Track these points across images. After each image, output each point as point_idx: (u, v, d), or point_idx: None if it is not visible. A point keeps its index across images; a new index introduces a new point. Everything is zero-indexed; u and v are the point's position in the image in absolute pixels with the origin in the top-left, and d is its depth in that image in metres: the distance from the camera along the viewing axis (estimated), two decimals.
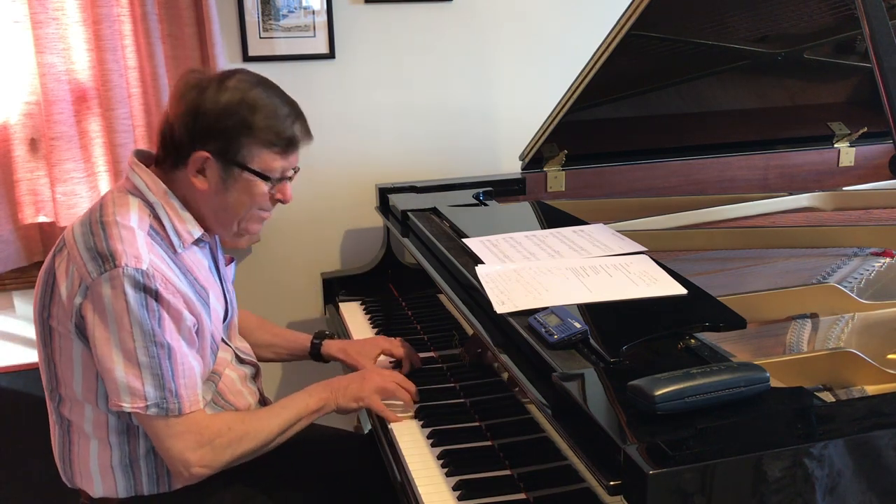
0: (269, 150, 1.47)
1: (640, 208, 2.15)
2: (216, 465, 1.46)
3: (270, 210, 1.56)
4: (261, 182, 1.49)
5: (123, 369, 1.37)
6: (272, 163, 1.49)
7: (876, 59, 1.44)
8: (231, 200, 1.50)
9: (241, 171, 1.47)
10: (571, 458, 1.17)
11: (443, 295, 1.75)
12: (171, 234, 1.48)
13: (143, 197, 1.48)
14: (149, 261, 1.39)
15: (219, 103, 1.43)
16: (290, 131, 1.49)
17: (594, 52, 2.04)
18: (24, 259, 2.30)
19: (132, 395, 1.38)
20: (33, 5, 2.11)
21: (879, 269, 1.76)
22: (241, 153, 1.46)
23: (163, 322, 1.39)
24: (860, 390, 1.30)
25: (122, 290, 1.35)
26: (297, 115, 1.52)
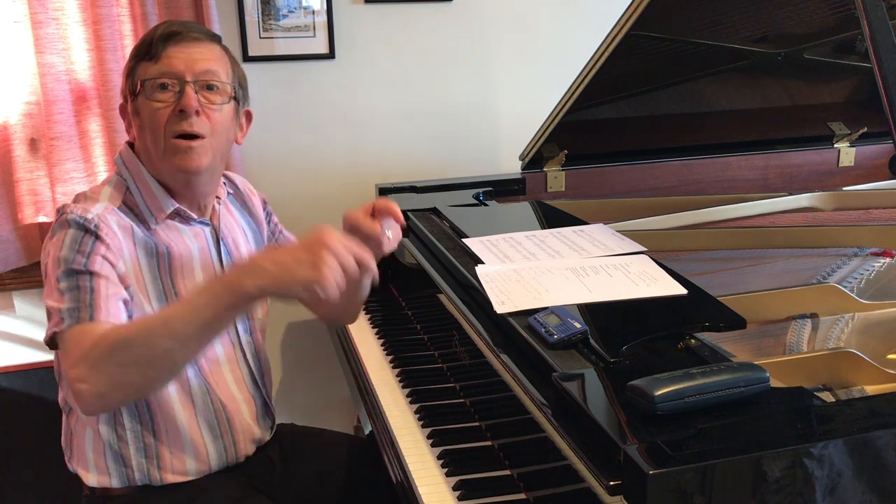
0: (143, 63, 1.44)
1: (640, 208, 2.15)
2: (96, 381, 1.22)
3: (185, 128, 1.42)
4: (142, 97, 1.44)
5: (53, 300, 1.32)
6: (146, 72, 1.44)
7: (876, 59, 1.44)
8: (147, 134, 1.45)
9: (137, 99, 1.45)
10: (571, 458, 1.17)
11: (443, 295, 1.75)
12: (143, 211, 1.47)
13: (121, 174, 1.50)
14: (98, 213, 1.38)
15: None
16: (150, 35, 1.46)
17: (594, 52, 2.04)
18: (24, 259, 2.30)
19: (53, 318, 1.32)
20: (33, 5, 2.11)
21: (879, 269, 1.76)
22: (131, 81, 1.46)
23: (92, 256, 1.34)
24: (860, 390, 1.30)
25: (63, 235, 1.36)
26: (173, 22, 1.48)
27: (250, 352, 1.63)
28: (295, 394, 2.63)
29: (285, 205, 2.55)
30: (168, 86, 1.42)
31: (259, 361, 1.66)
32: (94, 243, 1.36)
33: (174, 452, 1.50)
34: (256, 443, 1.63)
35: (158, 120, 1.42)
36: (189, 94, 1.42)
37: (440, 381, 1.78)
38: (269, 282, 1.18)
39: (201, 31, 1.49)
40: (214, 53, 1.48)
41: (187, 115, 1.41)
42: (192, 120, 1.42)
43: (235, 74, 1.52)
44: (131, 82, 1.47)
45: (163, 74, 1.42)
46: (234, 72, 1.52)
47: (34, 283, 2.36)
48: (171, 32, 1.44)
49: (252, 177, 2.25)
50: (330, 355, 2.33)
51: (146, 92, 1.43)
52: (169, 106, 1.42)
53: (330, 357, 2.35)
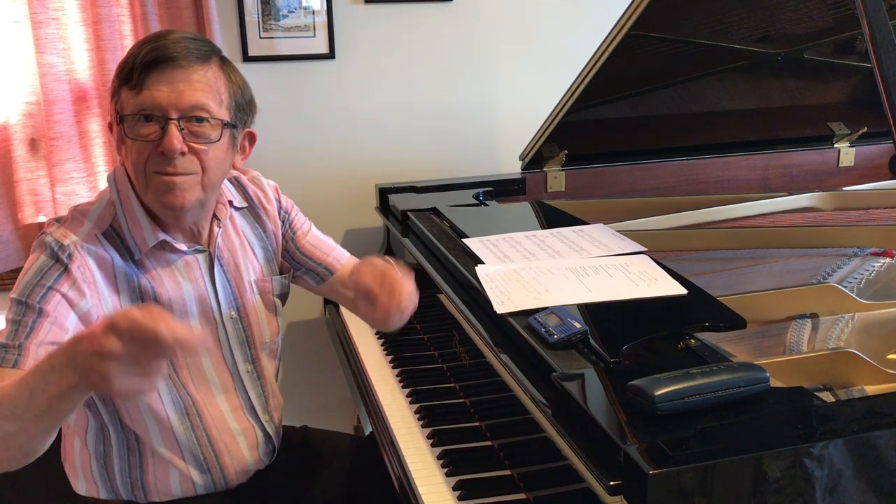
0: (126, 89, 1.29)
1: (640, 208, 2.15)
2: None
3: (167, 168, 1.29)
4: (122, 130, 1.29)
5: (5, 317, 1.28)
6: (126, 101, 1.29)
7: (876, 59, 1.44)
8: (130, 165, 1.32)
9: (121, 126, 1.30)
10: (571, 458, 1.17)
11: (443, 295, 1.75)
12: (128, 239, 1.37)
13: (111, 196, 1.39)
14: (74, 242, 1.31)
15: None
16: (131, 60, 1.27)
17: (594, 52, 2.04)
18: (24, 259, 2.29)
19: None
20: (33, 5, 2.11)
21: (879, 269, 1.76)
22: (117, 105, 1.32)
23: (48, 294, 1.25)
24: (860, 390, 1.30)
25: (37, 254, 1.30)
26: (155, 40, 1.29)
27: (250, 381, 1.53)
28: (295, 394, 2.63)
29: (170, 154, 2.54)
30: (152, 119, 1.28)
31: (262, 389, 1.55)
32: (60, 277, 1.27)
33: (159, 478, 1.46)
34: (250, 473, 1.54)
35: (139, 159, 1.29)
36: (172, 134, 1.26)
37: (440, 381, 1.78)
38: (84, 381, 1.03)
39: (190, 53, 1.29)
40: (205, 80, 1.30)
41: (169, 157, 1.28)
42: (175, 162, 1.29)
43: (232, 97, 1.36)
44: (117, 106, 1.32)
45: (143, 109, 1.27)
46: (230, 95, 1.36)
47: None
48: (153, 59, 1.26)
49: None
50: (330, 355, 2.33)
51: (125, 127, 1.29)
52: (150, 143, 1.28)
53: (330, 357, 2.34)
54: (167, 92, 1.27)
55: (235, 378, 1.51)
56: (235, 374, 1.51)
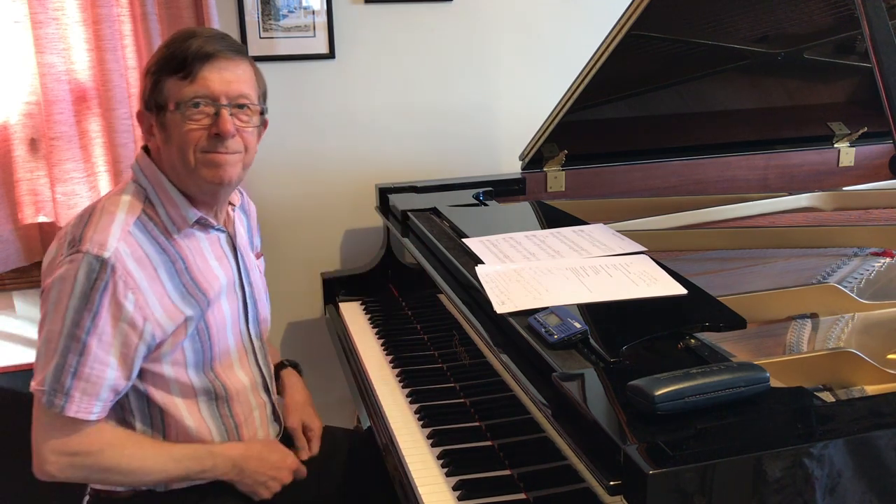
0: (174, 79, 1.41)
1: (640, 208, 2.15)
2: (71, 476, 1.42)
3: (218, 149, 1.43)
4: (177, 115, 1.41)
5: (43, 349, 1.36)
6: (180, 91, 1.41)
7: (876, 59, 1.44)
8: (174, 148, 1.43)
9: (165, 113, 1.42)
10: (571, 458, 1.17)
11: (443, 295, 1.75)
12: (164, 220, 1.46)
13: (139, 182, 1.48)
14: (115, 249, 1.36)
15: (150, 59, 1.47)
16: (182, 51, 1.40)
17: (594, 52, 2.04)
18: (24, 259, 2.30)
19: (38, 376, 1.37)
20: (33, 5, 2.11)
21: (879, 269, 1.76)
22: (158, 93, 1.42)
23: (96, 319, 1.34)
24: (860, 390, 1.30)
25: (74, 273, 1.34)
26: (200, 35, 1.43)
27: (261, 357, 1.64)
28: None
29: (285, 205, 2.56)
30: (201, 105, 1.41)
31: (268, 367, 1.67)
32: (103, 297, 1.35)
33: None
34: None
35: (192, 139, 1.42)
36: (226, 118, 1.41)
37: (440, 381, 1.78)
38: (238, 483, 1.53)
39: (233, 49, 1.45)
40: (248, 73, 1.47)
41: (223, 138, 1.42)
42: (227, 143, 1.43)
43: (261, 89, 1.52)
44: (158, 96, 1.43)
45: (198, 97, 1.40)
46: (259, 87, 1.51)
47: (34, 283, 2.35)
48: (207, 53, 1.40)
49: (252, 177, 2.25)
50: (330, 355, 2.33)
51: (181, 112, 1.41)
52: (203, 127, 1.42)
53: (330, 357, 2.34)
54: (218, 82, 1.41)
55: (250, 354, 1.61)
56: (250, 350, 1.61)
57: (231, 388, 1.55)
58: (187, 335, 1.46)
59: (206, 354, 1.50)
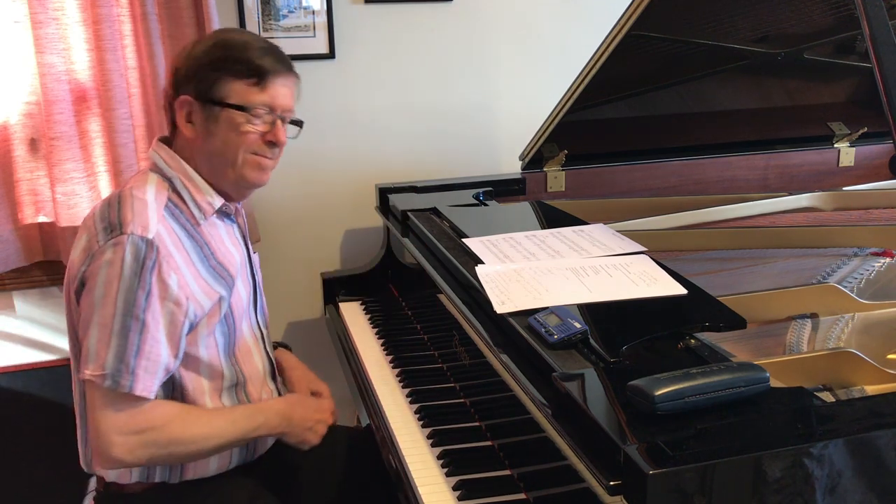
0: (243, 82, 1.47)
1: (640, 208, 2.15)
2: (138, 455, 1.41)
3: (268, 154, 1.54)
4: (240, 116, 1.48)
5: (97, 333, 1.36)
6: (248, 95, 1.48)
7: (876, 59, 1.44)
8: (218, 143, 1.49)
9: (221, 109, 1.47)
10: (571, 458, 1.17)
11: (443, 295, 1.75)
12: (191, 207, 1.50)
13: (161, 172, 1.51)
14: (156, 231, 1.40)
15: (196, 50, 1.50)
16: (259, 61, 1.48)
17: (594, 52, 2.04)
18: (24, 259, 2.30)
19: (95, 363, 1.36)
20: (33, 5, 2.11)
21: (879, 269, 1.76)
22: (217, 89, 1.47)
23: (150, 297, 1.37)
24: (860, 390, 1.30)
25: (121, 255, 1.36)
26: (270, 49, 1.51)
27: (268, 345, 1.69)
28: None
29: (285, 205, 2.56)
30: (265, 113, 1.50)
31: (273, 357, 1.71)
32: (152, 277, 1.38)
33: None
34: (268, 444, 1.65)
35: (246, 141, 1.49)
36: (282, 130, 1.53)
37: (440, 381, 1.78)
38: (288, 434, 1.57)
39: (292, 66, 1.55)
40: (297, 89, 1.57)
41: (274, 146, 1.53)
42: (275, 150, 1.54)
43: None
44: (218, 91, 1.47)
45: (267, 106, 1.49)
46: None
47: (34, 283, 2.36)
48: (279, 70, 1.50)
49: None
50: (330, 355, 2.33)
51: (246, 115, 1.47)
52: (259, 132, 1.50)
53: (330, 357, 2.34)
54: (282, 96, 1.51)
55: (260, 341, 1.65)
56: (260, 338, 1.65)
57: (248, 373, 1.59)
58: (221, 316, 1.51)
59: (230, 338, 1.55)
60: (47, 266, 2.35)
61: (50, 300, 2.39)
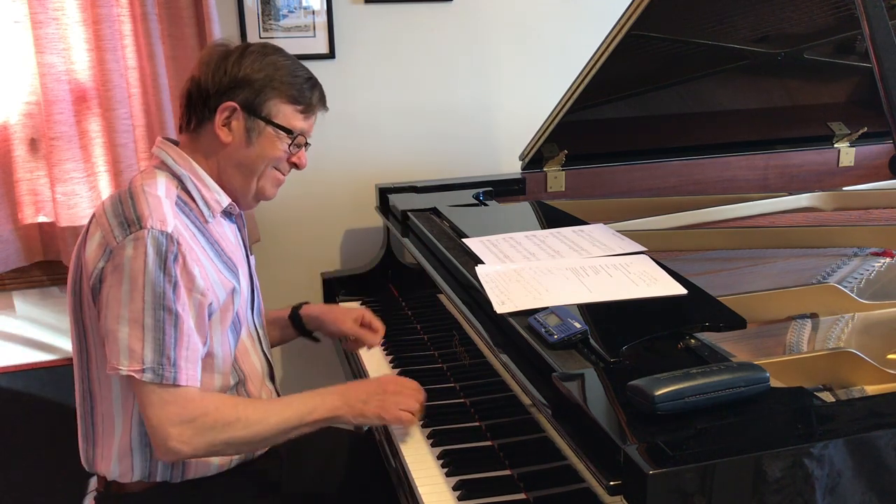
0: (292, 107, 1.54)
1: (640, 208, 2.15)
2: (196, 444, 1.39)
3: (286, 173, 1.61)
4: (282, 137, 1.54)
5: (128, 330, 1.36)
6: (293, 120, 1.55)
7: (876, 59, 1.44)
8: (253, 154, 1.53)
9: (266, 125, 1.52)
10: (571, 458, 1.17)
11: (443, 295, 1.75)
12: (200, 205, 1.52)
13: (170, 170, 1.52)
14: (174, 225, 1.41)
15: (245, 60, 1.52)
16: (309, 94, 1.56)
17: (594, 52, 2.04)
18: (24, 259, 2.30)
19: (131, 358, 1.36)
20: (33, 5, 2.11)
21: (879, 269, 1.76)
22: (267, 106, 1.52)
23: (177, 289, 1.39)
24: (860, 390, 1.30)
25: (143, 250, 1.36)
26: (316, 83, 1.59)
27: (266, 346, 1.69)
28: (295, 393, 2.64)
29: (285, 204, 2.56)
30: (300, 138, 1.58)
31: (271, 358, 1.71)
32: (176, 269, 1.39)
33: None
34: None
35: (276, 158, 1.56)
36: (304, 154, 1.61)
37: (440, 381, 1.78)
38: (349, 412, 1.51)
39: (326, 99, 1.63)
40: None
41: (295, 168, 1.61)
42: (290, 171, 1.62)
43: None
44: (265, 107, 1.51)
45: (303, 132, 1.58)
46: None
47: (34, 283, 2.36)
48: (321, 105, 1.60)
49: None
50: (330, 355, 2.33)
51: (289, 138, 1.54)
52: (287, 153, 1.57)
53: (330, 357, 2.35)
54: (312, 127, 1.61)
55: (256, 342, 1.65)
56: (256, 338, 1.65)
57: (248, 372, 1.60)
58: (234, 310, 1.53)
59: (237, 337, 1.57)
60: (47, 266, 2.35)
61: (50, 300, 2.39)
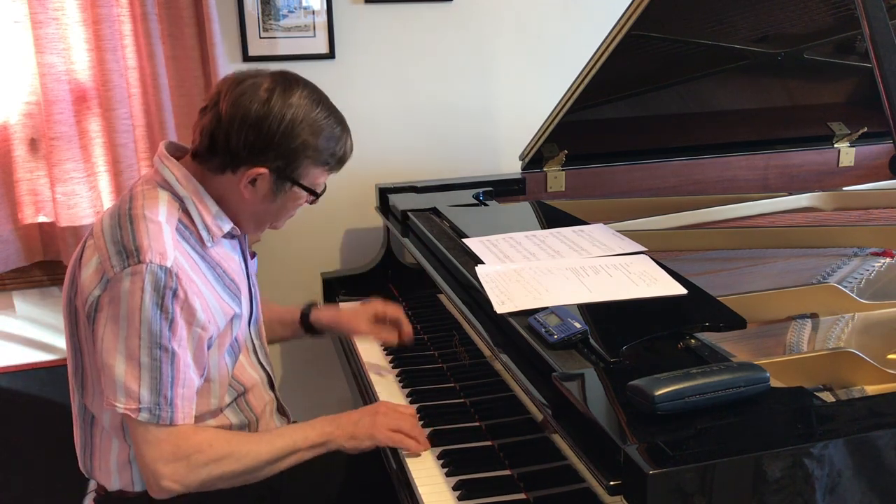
0: (322, 168, 1.51)
1: (640, 208, 2.15)
2: (189, 482, 1.40)
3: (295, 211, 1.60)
4: (306, 194, 1.52)
5: (124, 367, 1.35)
6: (320, 179, 1.52)
7: (876, 59, 1.44)
8: (274, 209, 1.52)
9: (293, 186, 1.49)
10: (571, 458, 1.17)
11: (443, 295, 1.75)
12: (200, 229, 1.47)
13: (172, 190, 1.47)
14: (174, 258, 1.38)
15: (283, 121, 1.42)
16: (342, 151, 1.52)
17: (594, 52, 2.04)
18: (24, 259, 2.30)
19: (127, 396, 1.36)
20: (33, 5, 2.11)
21: (879, 269, 1.76)
22: (298, 171, 1.47)
23: (174, 326, 1.37)
24: (860, 390, 1.30)
25: (140, 286, 1.34)
26: (347, 131, 1.54)
27: (263, 356, 1.68)
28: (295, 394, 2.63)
29: None
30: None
31: (270, 365, 1.70)
32: (174, 305, 1.36)
33: None
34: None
35: (294, 210, 1.56)
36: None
37: (440, 381, 1.78)
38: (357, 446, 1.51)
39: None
40: None
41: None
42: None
43: None
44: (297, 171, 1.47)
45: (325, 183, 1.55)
46: None
47: (34, 283, 2.36)
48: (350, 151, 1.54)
49: None
50: (330, 355, 2.33)
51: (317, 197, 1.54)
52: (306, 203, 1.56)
53: (330, 357, 2.34)
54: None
55: (252, 353, 1.64)
56: (252, 349, 1.64)
57: (246, 383, 1.59)
58: (233, 336, 1.52)
59: (235, 357, 1.56)
60: (47, 266, 2.35)
61: (50, 300, 2.39)
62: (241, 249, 1.63)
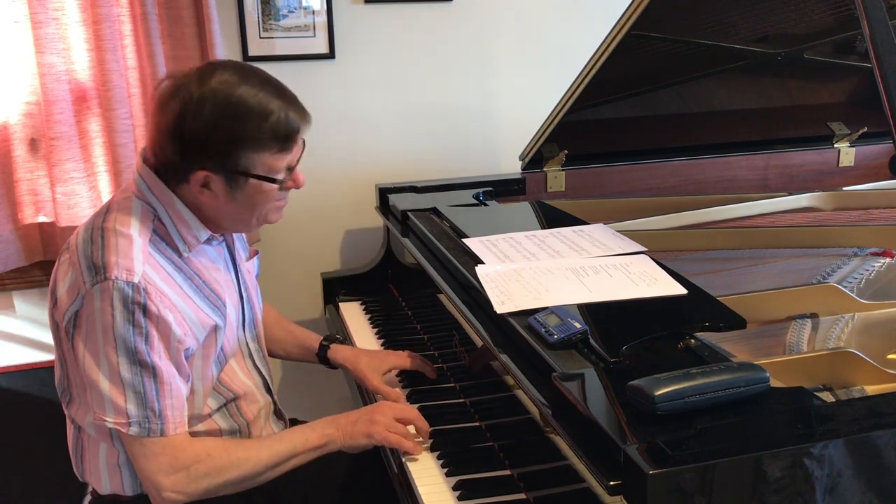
0: (268, 152, 1.38)
1: (640, 208, 2.15)
2: (191, 491, 1.39)
3: (286, 197, 1.49)
4: (267, 183, 1.42)
5: (108, 384, 1.34)
6: (275, 163, 1.40)
7: (876, 59, 1.44)
8: (242, 207, 1.44)
9: (247, 179, 1.40)
10: (571, 458, 1.17)
11: (443, 295, 1.75)
12: (175, 239, 1.44)
13: (146, 200, 1.43)
14: (142, 273, 1.34)
15: (202, 117, 1.33)
16: (284, 126, 1.38)
17: (594, 52, 2.04)
18: (24, 259, 2.30)
19: (115, 412, 1.35)
20: (33, 5, 2.11)
21: (879, 269, 1.76)
22: (241, 163, 1.38)
23: (150, 339, 1.35)
24: (860, 390, 1.30)
25: (109, 303, 1.32)
26: (289, 102, 1.40)
27: (260, 360, 1.66)
28: (295, 394, 2.63)
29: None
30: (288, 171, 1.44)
31: (266, 368, 1.69)
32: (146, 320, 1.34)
33: None
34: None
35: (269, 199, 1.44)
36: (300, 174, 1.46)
37: (440, 380, 1.78)
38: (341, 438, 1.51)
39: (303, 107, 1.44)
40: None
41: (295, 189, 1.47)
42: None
43: None
44: (238, 164, 1.37)
45: (290, 165, 1.43)
46: None
47: (34, 283, 2.36)
48: (299, 122, 1.41)
49: None
50: None
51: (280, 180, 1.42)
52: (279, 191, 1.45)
53: None
54: (299, 147, 1.44)
55: (247, 357, 1.62)
56: (247, 354, 1.63)
57: (238, 390, 1.57)
58: (218, 348, 1.49)
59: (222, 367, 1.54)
60: (47, 266, 2.35)
61: None
62: (231, 255, 1.59)
